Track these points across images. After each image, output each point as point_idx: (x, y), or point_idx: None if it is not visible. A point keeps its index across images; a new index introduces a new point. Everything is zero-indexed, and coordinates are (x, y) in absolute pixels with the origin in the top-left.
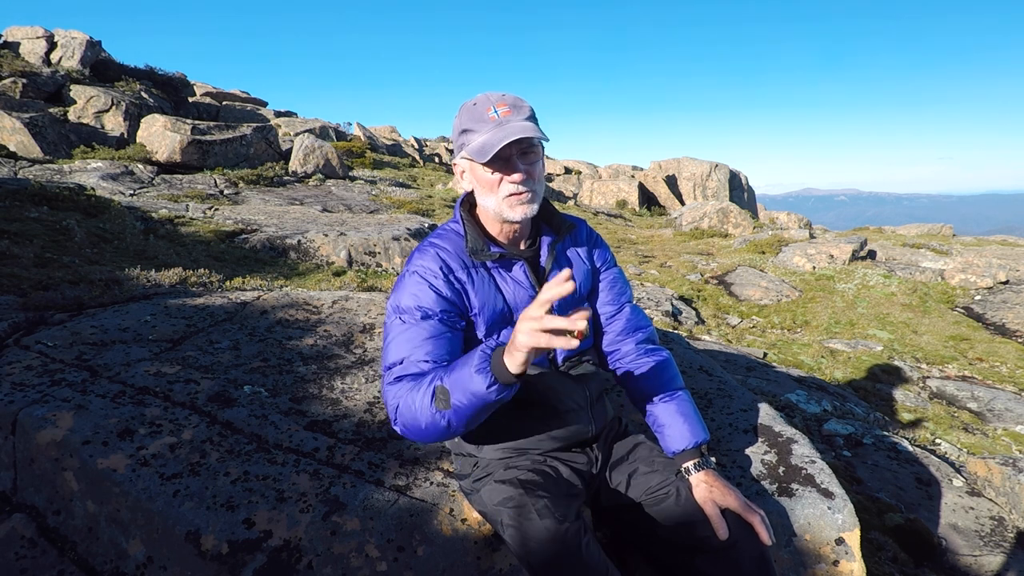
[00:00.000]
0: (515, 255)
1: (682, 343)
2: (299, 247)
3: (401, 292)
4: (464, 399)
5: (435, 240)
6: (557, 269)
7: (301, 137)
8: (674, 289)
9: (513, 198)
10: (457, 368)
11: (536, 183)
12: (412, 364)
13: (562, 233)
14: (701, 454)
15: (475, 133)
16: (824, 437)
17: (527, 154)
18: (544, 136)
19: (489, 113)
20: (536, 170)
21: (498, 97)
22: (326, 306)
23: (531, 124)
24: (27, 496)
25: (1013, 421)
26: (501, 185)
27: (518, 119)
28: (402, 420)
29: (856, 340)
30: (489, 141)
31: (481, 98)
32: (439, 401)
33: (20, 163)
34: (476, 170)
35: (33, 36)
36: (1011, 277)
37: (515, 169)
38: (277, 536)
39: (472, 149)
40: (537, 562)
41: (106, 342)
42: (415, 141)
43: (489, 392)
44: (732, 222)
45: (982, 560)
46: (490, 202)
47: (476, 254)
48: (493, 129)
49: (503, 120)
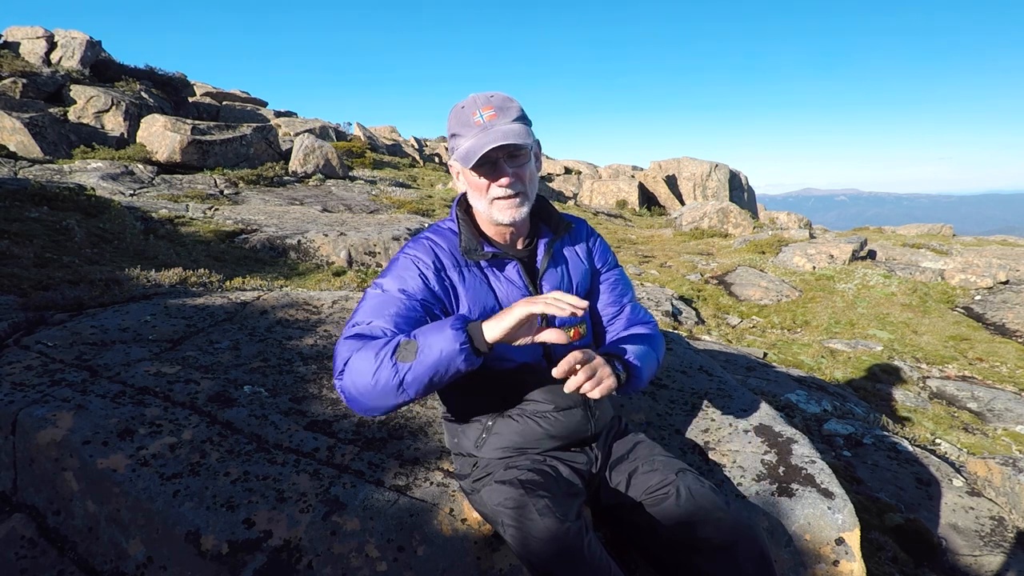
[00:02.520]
0: (509, 255)
1: (682, 343)
2: (299, 247)
3: (389, 271)
4: (431, 356)
5: (430, 235)
6: (553, 268)
7: (301, 137)
8: (674, 289)
9: (501, 201)
10: (429, 327)
11: (526, 184)
12: (377, 328)
13: (559, 232)
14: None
15: (462, 138)
16: (824, 437)
17: (515, 156)
18: (530, 140)
19: (475, 117)
20: (525, 172)
21: (484, 100)
22: (326, 306)
23: (518, 126)
24: (27, 496)
25: (1013, 421)
26: (489, 189)
27: (504, 122)
28: (350, 374)
29: (856, 340)
30: (473, 147)
31: (469, 101)
32: (403, 353)
33: (20, 163)
34: (466, 174)
35: (33, 36)
36: (1011, 277)
37: (502, 173)
38: (277, 536)
39: (459, 155)
40: (539, 562)
41: (106, 342)
42: (415, 141)
43: (459, 353)
44: (732, 222)
45: (982, 560)
46: (480, 205)
47: (469, 253)
48: (478, 134)
49: (488, 124)
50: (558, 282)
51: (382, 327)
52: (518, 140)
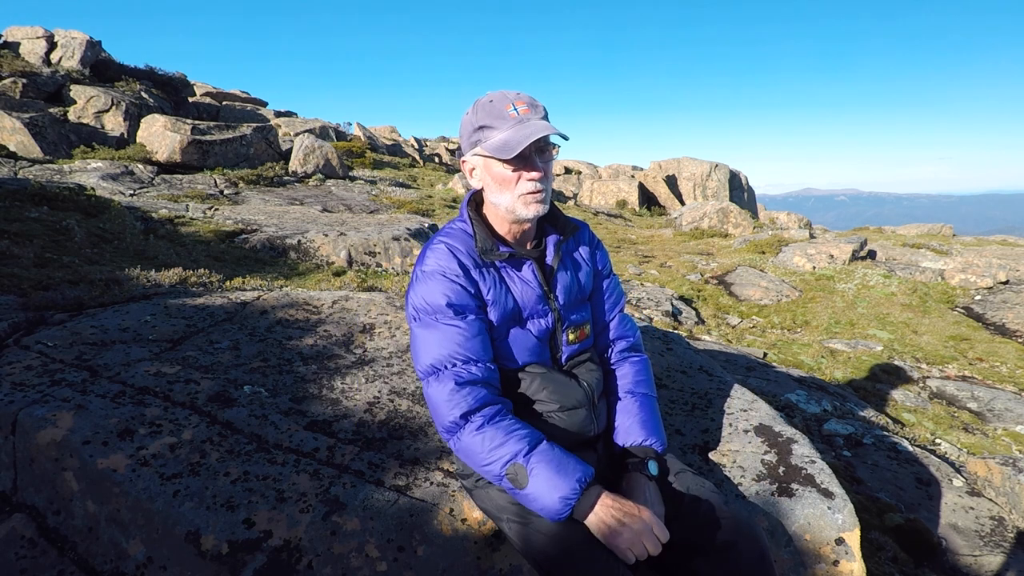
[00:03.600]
0: (523, 254)
1: (682, 343)
2: (299, 247)
3: (426, 291)
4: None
5: (445, 239)
6: (563, 269)
7: (301, 137)
8: (674, 289)
9: (529, 196)
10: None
11: (550, 182)
12: (461, 367)
13: (567, 234)
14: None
15: (494, 130)
16: (824, 437)
17: (543, 152)
18: (565, 135)
19: (509, 111)
20: (551, 169)
21: (515, 95)
22: (326, 306)
23: (549, 123)
24: (27, 496)
25: (1013, 421)
26: (519, 183)
27: (536, 117)
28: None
29: (856, 340)
30: (513, 138)
31: (498, 95)
32: (512, 475)
33: (20, 163)
34: (492, 167)
35: (33, 36)
36: (1011, 277)
37: (534, 167)
38: (277, 536)
39: (493, 146)
40: (543, 559)
41: (106, 342)
42: (415, 141)
43: (559, 511)
44: (732, 222)
45: (982, 560)
46: (504, 199)
47: (486, 253)
48: (515, 126)
49: (523, 118)
50: (569, 282)
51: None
52: (558, 132)
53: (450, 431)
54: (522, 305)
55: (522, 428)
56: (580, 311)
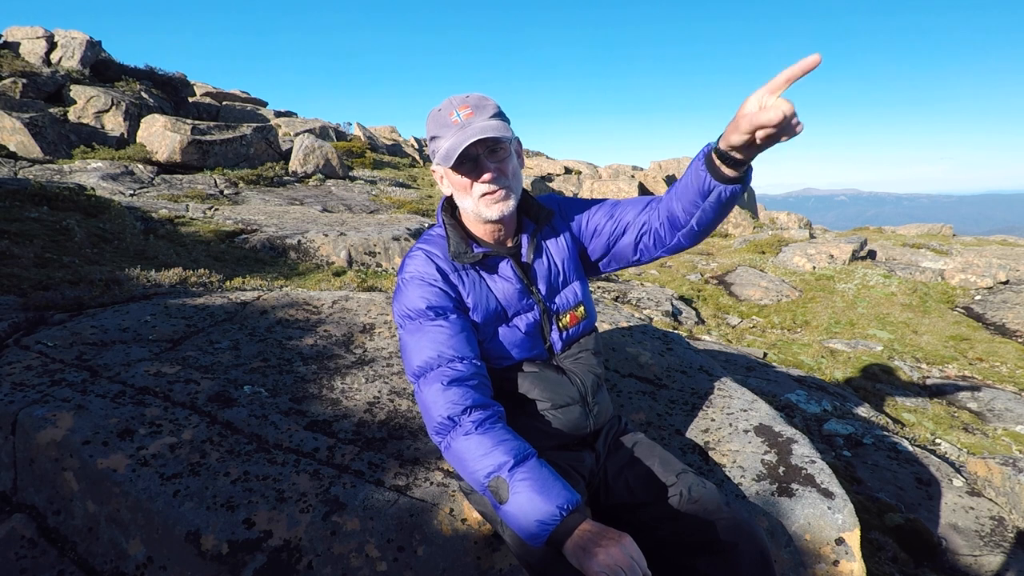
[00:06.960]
0: (499, 252)
1: (682, 343)
2: (299, 247)
3: (407, 298)
4: (508, 512)
5: (423, 246)
6: (539, 259)
7: (301, 137)
8: (674, 289)
9: (487, 197)
10: (532, 486)
11: (510, 179)
12: (446, 366)
13: (541, 223)
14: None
15: (441, 139)
16: (824, 437)
17: (495, 152)
18: (508, 134)
19: (452, 117)
20: (508, 166)
21: (461, 99)
22: (326, 306)
23: (495, 122)
24: (27, 496)
25: (1013, 421)
26: (473, 187)
27: (481, 119)
28: (451, 453)
29: (856, 340)
30: (453, 145)
31: (445, 103)
32: (494, 488)
33: (20, 163)
34: (449, 175)
35: (33, 36)
36: (1011, 277)
37: (484, 169)
38: (277, 536)
39: (440, 155)
40: (537, 562)
41: (106, 342)
42: (415, 141)
43: (534, 535)
44: (732, 222)
45: (982, 560)
46: (468, 203)
47: (459, 257)
48: (456, 133)
49: (465, 123)
50: (545, 272)
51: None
52: (496, 134)
53: (440, 432)
54: (506, 304)
55: (511, 439)
56: (568, 295)
